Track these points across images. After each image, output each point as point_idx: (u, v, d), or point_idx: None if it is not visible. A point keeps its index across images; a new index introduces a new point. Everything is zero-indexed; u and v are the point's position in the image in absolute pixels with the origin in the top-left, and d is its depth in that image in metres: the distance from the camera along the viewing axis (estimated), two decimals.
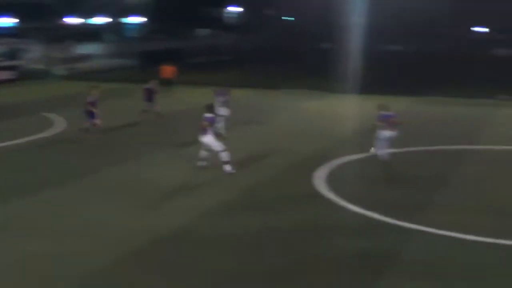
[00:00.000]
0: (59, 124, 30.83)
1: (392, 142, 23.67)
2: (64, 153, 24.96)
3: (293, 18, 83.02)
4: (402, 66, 50.56)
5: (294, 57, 56.57)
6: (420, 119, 33.31)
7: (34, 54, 52.85)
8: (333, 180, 20.81)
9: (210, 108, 22.45)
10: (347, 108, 35.97)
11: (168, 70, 42.17)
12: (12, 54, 49.92)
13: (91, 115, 27.23)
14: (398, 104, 36.01)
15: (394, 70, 47.52)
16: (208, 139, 21.62)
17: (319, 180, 20.77)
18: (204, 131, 21.57)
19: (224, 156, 21.46)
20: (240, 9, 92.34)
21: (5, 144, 26.13)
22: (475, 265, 14.12)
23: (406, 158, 24.42)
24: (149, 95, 31.70)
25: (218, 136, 23.57)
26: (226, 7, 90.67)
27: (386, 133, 23.31)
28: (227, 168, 21.41)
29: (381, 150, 23.70)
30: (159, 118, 31.31)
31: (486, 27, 73.48)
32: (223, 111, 28.28)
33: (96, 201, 18.56)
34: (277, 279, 13.31)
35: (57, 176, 21.20)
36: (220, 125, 27.63)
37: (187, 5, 75.40)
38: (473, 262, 14.33)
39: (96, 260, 14.10)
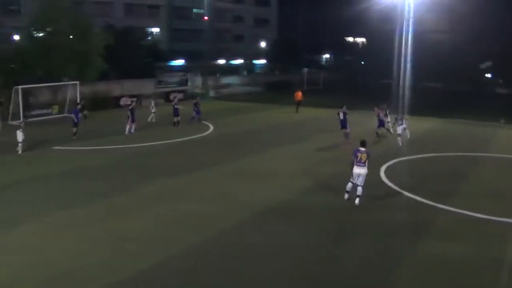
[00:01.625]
0: (211, 128, 31.50)
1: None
2: (212, 147, 25.52)
3: (363, 62, 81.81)
4: (438, 98, 48.98)
5: (363, 88, 55.69)
6: (448, 133, 32.34)
7: (195, 82, 54.56)
8: (392, 173, 20.41)
9: (364, 143, 16.64)
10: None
11: (299, 95, 41.11)
12: (182, 83, 51.77)
13: (344, 124, 26.65)
14: (434, 123, 35.20)
15: (432, 100, 46.08)
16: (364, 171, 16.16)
17: (383, 173, 20.44)
18: (362, 163, 16.17)
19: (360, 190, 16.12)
20: (329, 55, 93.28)
21: (177, 140, 27.07)
22: (483, 235, 13.88)
23: (438, 160, 23.70)
24: (380, 121, 28.25)
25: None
26: (320, 54, 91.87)
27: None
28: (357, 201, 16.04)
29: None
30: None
31: (493, 73, 71.42)
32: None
33: (230, 180, 18.93)
34: (340, 237, 13.44)
35: (205, 162, 21.64)
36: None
37: (294, 52, 76.96)
38: (481, 232, 14.06)
39: (227, 219, 14.45)
